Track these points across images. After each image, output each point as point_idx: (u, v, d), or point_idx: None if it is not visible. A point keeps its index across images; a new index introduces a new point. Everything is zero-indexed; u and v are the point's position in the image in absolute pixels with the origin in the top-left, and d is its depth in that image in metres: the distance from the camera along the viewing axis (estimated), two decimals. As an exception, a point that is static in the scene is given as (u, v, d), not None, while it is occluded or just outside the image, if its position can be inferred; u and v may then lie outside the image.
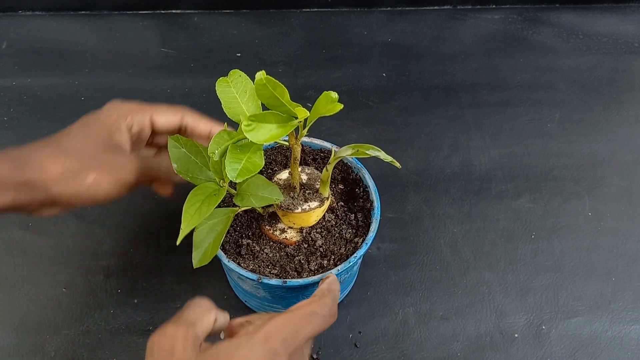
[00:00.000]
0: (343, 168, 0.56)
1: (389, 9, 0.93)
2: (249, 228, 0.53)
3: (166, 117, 0.51)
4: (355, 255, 0.50)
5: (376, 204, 0.53)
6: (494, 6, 0.94)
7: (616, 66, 0.86)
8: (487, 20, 0.92)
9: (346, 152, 0.46)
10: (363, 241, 0.51)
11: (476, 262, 0.64)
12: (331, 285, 0.45)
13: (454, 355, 0.58)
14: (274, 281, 0.48)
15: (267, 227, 0.52)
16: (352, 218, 0.53)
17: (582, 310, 0.61)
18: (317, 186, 0.51)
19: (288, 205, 0.50)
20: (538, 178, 0.72)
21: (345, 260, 0.50)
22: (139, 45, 0.86)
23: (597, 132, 0.77)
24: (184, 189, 0.60)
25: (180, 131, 0.52)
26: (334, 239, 0.52)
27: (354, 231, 0.53)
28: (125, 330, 0.58)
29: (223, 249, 0.51)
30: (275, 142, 0.49)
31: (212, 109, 0.53)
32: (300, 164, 0.56)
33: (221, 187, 0.46)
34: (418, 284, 0.63)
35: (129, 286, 0.61)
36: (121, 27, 0.89)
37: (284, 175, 0.53)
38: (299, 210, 0.50)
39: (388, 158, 0.45)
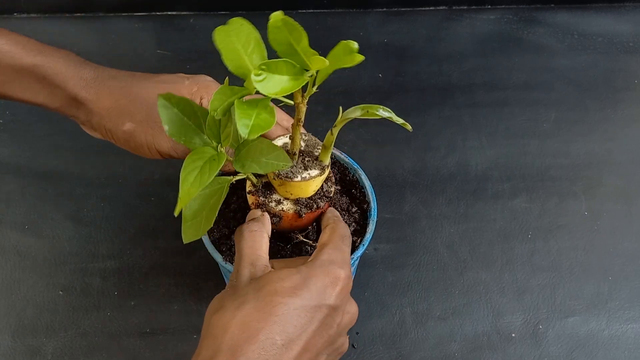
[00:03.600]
0: (340, 169, 0.56)
1: (384, 9, 0.93)
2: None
3: None
4: (352, 256, 0.49)
5: (373, 205, 0.53)
6: (489, 6, 0.94)
7: (612, 66, 0.86)
8: (482, 20, 0.92)
9: (355, 113, 0.43)
10: (360, 242, 0.51)
11: (473, 262, 0.64)
12: (332, 212, 0.49)
13: (452, 355, 0.58)
14: None
15: (261, 198, 0.47)
16: (351, 217, 0.53)
17: (579, 310, 0.61)
18: (317, 153, 0.47)
19: (286, 173, 0.45)
20: (534, 178, 0.72)
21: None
22: (134, 47, 0.86)
23: (593, 131, 0.78)
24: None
25: None
26: None
27: (352, 230, 0.52)
28: (122, 332, 0.58)
29: (219, 250, 0.50)
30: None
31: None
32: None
33: (219, 152, 0.42)
34: (415, 284, 0.63)
35: (126, 288, 0.61)
36: (117, 29, 0.88)
37: (280, 141, 0.48)
38: (299, 178, 0.45)
39: (399, 120, 0.42)
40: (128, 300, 0.60)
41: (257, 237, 0.44)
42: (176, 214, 0.40)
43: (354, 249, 0.51)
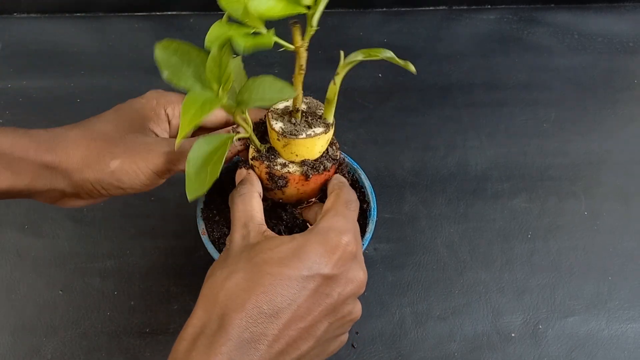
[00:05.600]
0: (339, 169, 0.56)
1: (384, 9, 0.93)
2: None
3: (214, 112, 0.49)
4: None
5: (372, 204, 0.53)
6: (489, 6, 0.94)
7: (611, 66, 0.86)
8: (482, 20, 0.92)
9: (357, 57, 0.42)
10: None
11: (473, 262, 0.65)
12: (338, 178, 0.48)
13: (451, 355, 0.58)
14: None
15: (265, 162, 0.46)
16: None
17: (578, 310, 0.61)
18: (320, 113, 0.46)
19: (290, 131, 0.44)
20: (534, 178, 0.72)
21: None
22: (134, 47, 0.86)
23: (593, 131, 0.78)
24: (179, 186, 0.60)
25: (228, 125, 0.50)
26: None
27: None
28: (122, 332, 0.58)
29: (219, 250, 0.50)
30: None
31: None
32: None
33: (219, 95, 0.40)
34: (415, 284, 0.63)
35: (126, 288, 0.61)
36: (117, 28, 0.89)
37: (281, 104, 0.47)
38: (303, 136, 0.44)
39: (401, 62, 0.41)
40: (128, 300, 0.60)
41: (246, 199, 0.44)
42: (176, 147, 0.40)
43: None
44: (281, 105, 0.47)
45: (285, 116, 0.45)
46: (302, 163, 0.46)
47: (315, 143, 0.45)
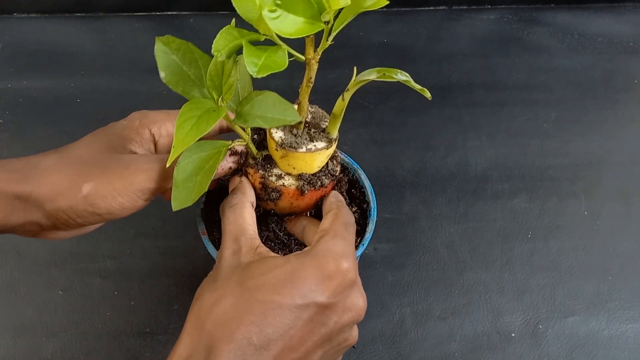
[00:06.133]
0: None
1: (384, 9, 0.93)
2: None
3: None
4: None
5: (372, 204, 0.53)
6: (489, 6, 0.94)
7: (611, 66, 0.86)
8: (482, 20, 0.92)
9: (370, 76, 0.39)
10: (360, 242, 0.51)
11: (473, 262, 0.65)
12: (336, 197, 0.45)
13: (451, 355, 0.58)
14: None
15: (260, 171, 0.44)
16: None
17: (578, 310, 0.61)
18: (324, 126, 0.44)
19: (290, 143, 0.42)
20: (534, 178, 0.72)
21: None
22: (134, 47, 0.86)
23: (593, 131, 0.78)
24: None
25: (222, 132, 0.48)
26: None
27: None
28: (122, 332, 0.58)
29: (218, 248, 0.50)
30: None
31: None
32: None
33: (219, 105, 0.38)
34: (415, 284, 0.63)
35: (126, 288, 0.61)
36: (116, 28, 0.88)
37: None
38: (303, 149, 0.42)
39: (417, 86, 0.39)
40: (128, 301, 0.60)
41: (237, 210, 0.42)
42: (168, 164, 0.37)
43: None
44: None
45: (287, 125, 0.43)
46: (299, 177, 0.44)
47: (315, 158, 0.43)
